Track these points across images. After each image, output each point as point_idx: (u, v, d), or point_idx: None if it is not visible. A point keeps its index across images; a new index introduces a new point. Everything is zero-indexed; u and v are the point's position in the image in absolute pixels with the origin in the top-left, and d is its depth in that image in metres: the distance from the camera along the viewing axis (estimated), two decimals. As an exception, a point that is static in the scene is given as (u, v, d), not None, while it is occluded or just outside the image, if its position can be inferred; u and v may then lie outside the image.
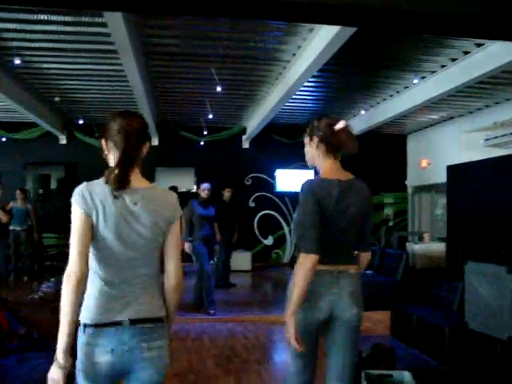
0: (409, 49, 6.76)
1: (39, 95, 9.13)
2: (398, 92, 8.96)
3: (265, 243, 12.35)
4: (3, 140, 11.21)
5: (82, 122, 10.74)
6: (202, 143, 11.90)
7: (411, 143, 12.88)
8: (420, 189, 12.43)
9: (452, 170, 7.15)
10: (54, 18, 5.62)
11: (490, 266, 4.59)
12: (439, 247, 7.61)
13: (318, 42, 6.01)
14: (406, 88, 8.65)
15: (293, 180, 11.45)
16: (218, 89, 7.96)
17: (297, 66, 7.03)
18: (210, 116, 10.25)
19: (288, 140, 11.49)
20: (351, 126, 2.58)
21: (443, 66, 7.36)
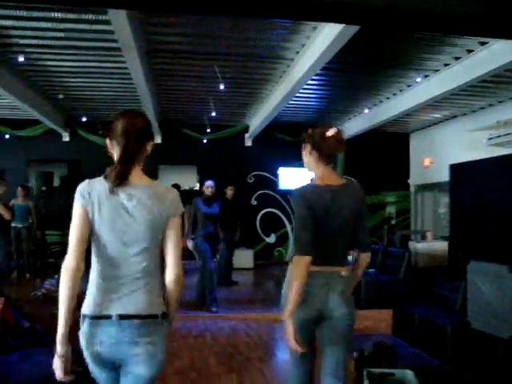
0: (412, 47, 6.75)
1: (43, 92, 9.14)
2: (401, 91, 8.95)
3: (267, 241, 12.36)
4: (6, 137, 11.22)
5: (85, 119, 10.75)
6: (205, 141, 11.89)
7: (414, 142, 12.86)
8: (423, 187, 12.41)
9: (455, 168, 7.14)
10: (58, 15, 5.62)
11: (492, 266, 4.60)
12: (442, 246, 7.59)
13: (321, 40, 6.00)
14: (409, 87, 8.64)
15: (296, 178, 11.44)
16: (221, 87, 7.96)
17: (300, 64, 7.02)
18: (213, 114, 10.25)
19: (291, 138, 11.47)
20: (343, 133, 2.70)
21: (446, 64, 7.34)
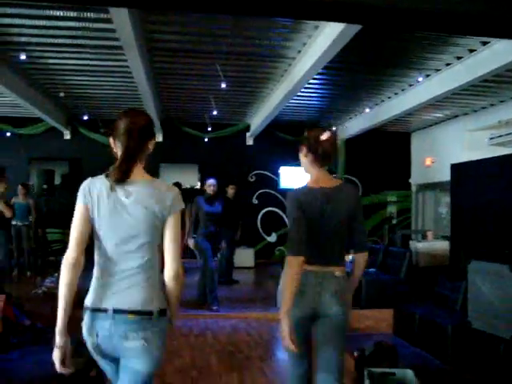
0: (414, 47, 6.74)
1: (44, 90, 9.15)
2: (402, 90, 8.94)
3: (268, 240, 12.37)
4: (8, 135, 11.23)
5: (86, 117, 10.75)
6: (206, 140, 11.90)
7: (415, 141, 12.85)
8: (424, 187, 12.41)
9: (456, 168, 7.14)
10: (59, 13, 5.63)
11: (493, 265, 4.59)
12: (443, 245, 7.59)
13: (323, 39, 5.99)
14: (411, 86, 8.63)
15: (297, 177, 11.44)
16: (223, 85, 7.96)
17: (302, 63, 7.02)
18: (214, 112, 10.25)
19: (292, 137, 11.45)
20: (337, 137, 2.77)
21: (448, 64, 7.33)
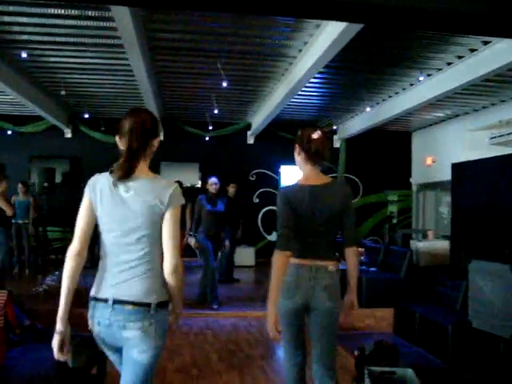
0: (415, 46, 6.73)
1: (45, 89, 9.15)
2: (403, 89, 8.93)
3: (269, 239, 12.35)
4: (9, 133, 11.23)
5: (87, 116, 10.73)
6: (207, 138, 11.89)
7: (416, 141, 12.85)
8: (425, 186, 12.40)
9: (457, 167, 7.14)
10: (61, 11, 5.62)
11: (493, 265, 4.60)
12: (443, 245, 7.58)
13: (324, 38, 5.98)
14: (412, 85, 8.62)
15: (297, 176, 11.42)
16: (224, 84, 7.95)
17: (303, 62, 7.01)
18: (215, 111, 10.24)
19: (293, 136, 11.31)
20: (329, 136, 2.86)
21: (449, 63, 7.32)
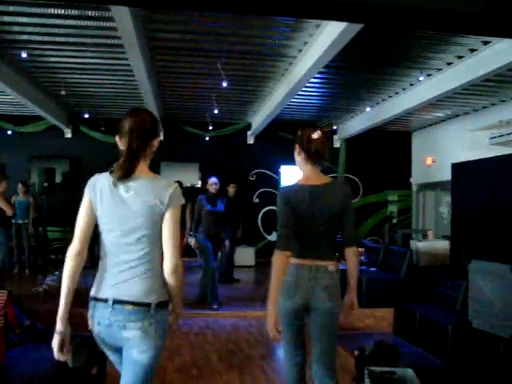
0: (415, 46, 6.73)
1: (45, 89, 9.15)
2: (403, 89, 8.93)
3: (269, 239, 12.34)
4: (9, 133, 11.23)
5: (87, 116, 10.73)
6: (207, 138, 11.89)
7: (416, 141, 12.85)
8: (425, 186, 12.40)
9: (457, 167, 7.14)
10: (61, 11, 5.62)
11: (493, 265, 4.60)
12: (443, 245, 7.58)
13: (324, 38, 5.98)
14: (412, 85, 8.62)
15: (297, 176, 11.42)
16: (224, 84, 7.95)
17: (303, 62, 7.01)
18: (215, 111, 10.24)
19: (293, 136, 11.32)
20: (328, 136, 2.85)
21: (449, 63, 7.32)
